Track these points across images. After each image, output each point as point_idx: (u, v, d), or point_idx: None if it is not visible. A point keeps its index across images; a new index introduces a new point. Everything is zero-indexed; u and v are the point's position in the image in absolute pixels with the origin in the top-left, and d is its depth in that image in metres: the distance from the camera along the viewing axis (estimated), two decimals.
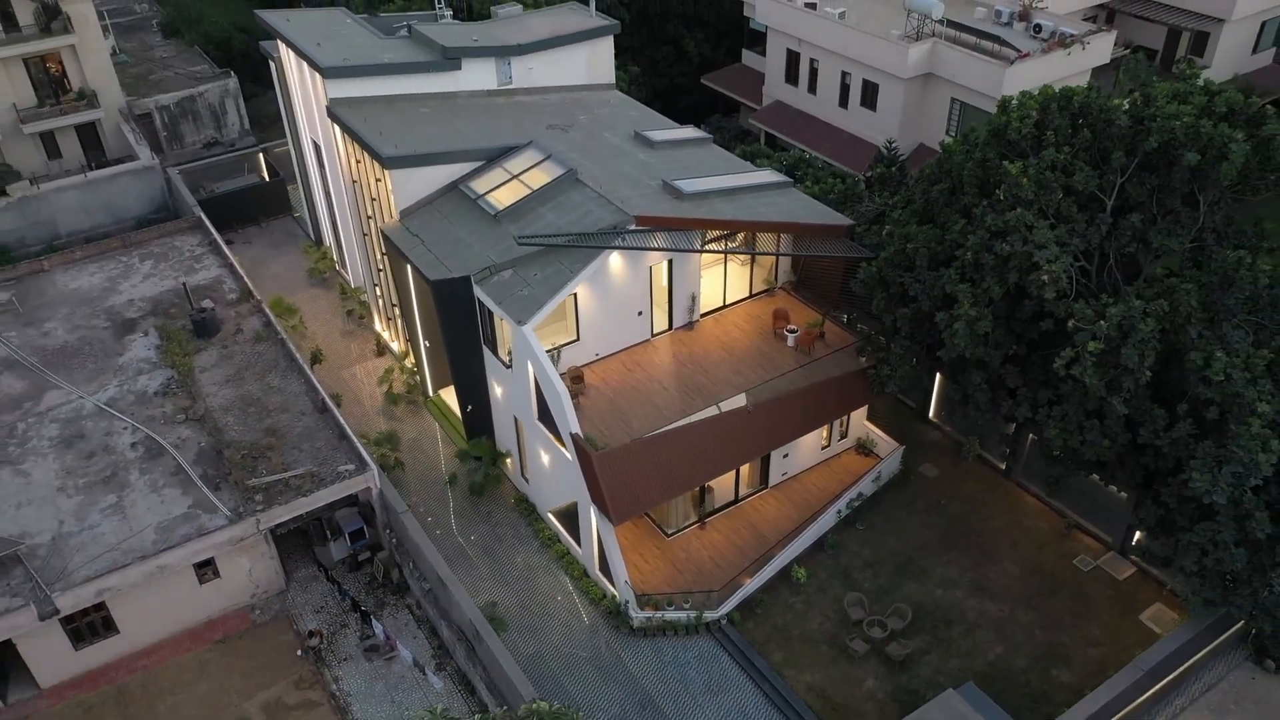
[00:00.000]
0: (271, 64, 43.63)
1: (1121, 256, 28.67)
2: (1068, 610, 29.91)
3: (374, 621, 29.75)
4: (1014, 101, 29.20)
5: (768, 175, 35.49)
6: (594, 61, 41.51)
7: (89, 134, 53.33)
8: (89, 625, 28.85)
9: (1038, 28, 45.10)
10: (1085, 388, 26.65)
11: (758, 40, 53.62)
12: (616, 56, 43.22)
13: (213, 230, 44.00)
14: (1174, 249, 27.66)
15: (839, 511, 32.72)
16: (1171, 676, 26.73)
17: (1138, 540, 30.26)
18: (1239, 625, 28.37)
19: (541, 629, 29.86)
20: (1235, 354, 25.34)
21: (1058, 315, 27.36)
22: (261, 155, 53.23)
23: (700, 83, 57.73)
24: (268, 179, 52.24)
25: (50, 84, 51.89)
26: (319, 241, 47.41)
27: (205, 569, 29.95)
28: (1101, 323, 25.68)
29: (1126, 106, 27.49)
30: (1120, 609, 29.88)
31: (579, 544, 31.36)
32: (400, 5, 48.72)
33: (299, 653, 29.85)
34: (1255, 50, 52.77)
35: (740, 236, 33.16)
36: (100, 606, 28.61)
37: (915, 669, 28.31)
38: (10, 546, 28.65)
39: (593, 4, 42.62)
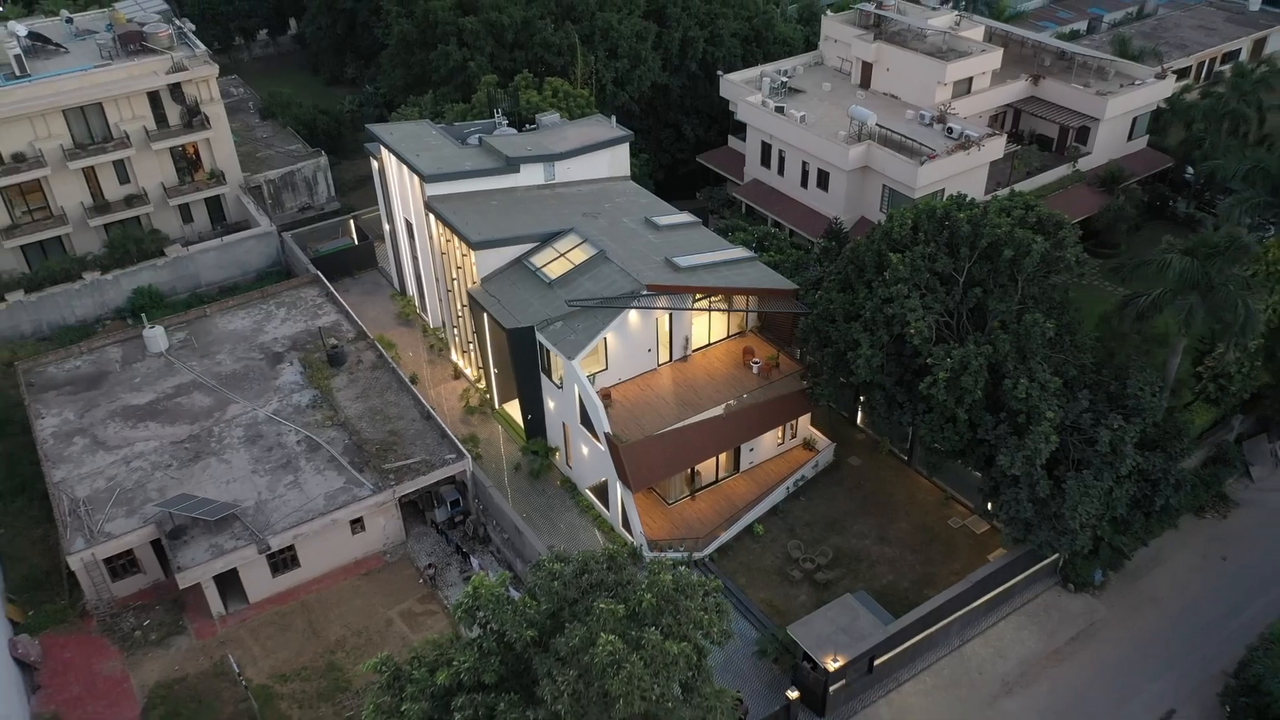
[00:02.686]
0: (373, 160, 58.19)
1: (971, 315, 43.00)
2: (940, 553, 44.10)
3: (471, 559, 44.11)
4: (899, 212, 43.69)
5: (739, 252, 49.93)
6: (614, 161, 56.12)
7: (214, 204, 68.08)
8: (282, 560, 43.17)
9: (949, 130, 59.79)
10: (942, 402, 40.95)
11: (740, 128, 68.21)
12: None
13: (329, 284, 58.58)
14: (1003, 311, 42.00)
15: (787, 488, 47.05)
16: (998, 590, 41.04)
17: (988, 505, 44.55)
18: (1052, 559, 42.71)
19: None
20: (1034, 380, 39.66)
21: (924, 354, 41.68)
22: (352, 221, 67.71)
23: (696, 159, 72.43)
24: (357, 241, 66.71)
25: (188, 166, 66.70)
26: (403, 291, 61.86)
27: (356, 525, 44.27)
28: (948, 360, 40.04)
29: (965, 216, 41.84)
30: (976, 552, 44.00)
31: (608, 508, 45.63)
32: (461, 112, 62.89)
33: (420, 581, 44.18)
34: (1130, 138, 67.25)
35: (719, 297, 47.64)
36: (290, 548, 42.92)
37: (833, 588, 42.42)
38: (229, 509, 43.00)
39: (614, 118, 57.35)
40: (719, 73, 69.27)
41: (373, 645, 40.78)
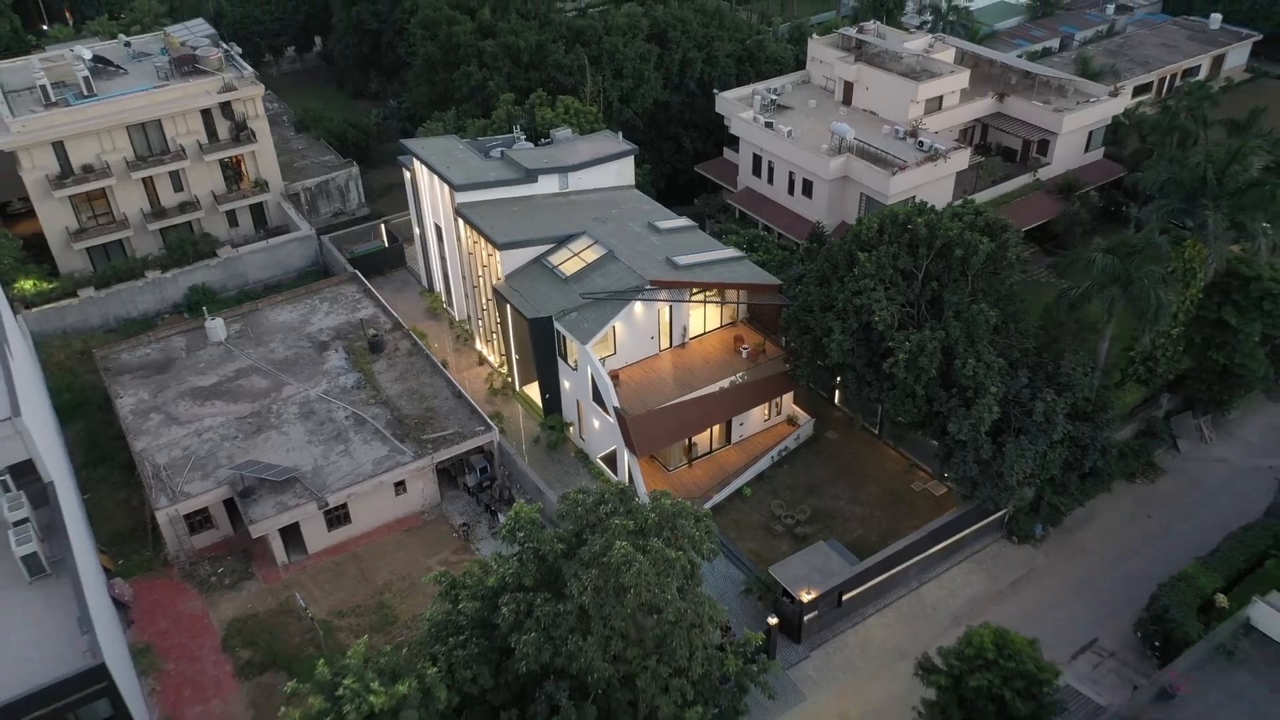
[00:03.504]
0: (405, 171, 65.16)
1: (928, 305, 49.92)
2: (903, 512, 51.02)
3: (499, 516, 51.08)
4: (867, 218, 50.67)
5: (731, 252, 56.97)
6: (621, 171, 63.17)
7: (258, 210, 75.15)
8: (336, 516, 50.14)
9: (920, 143, 66.78)
10: (903, 380, 47.86)
11: (734, 141, 75.20)
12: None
13: (366, 282, 65.62)
14: (956, 302, 48.91)
15: (772, 457, 54.03)
16: (950, 540, 47.97)
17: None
18: (999, 514, 49.64)
19: None
20: (981, 360, 46.59)
21: (888, 339, 48.56)
22: (383, 225, 74.73)
23: (694, 169, 79.46)
24: (387, 243, 73.73)
25: (235, 176, 73.80)
26: (431, 288, 68.85)
27: (399, 487, 51.24)
28: (907, 343, 46.95)
29: (923, 220, 48.74)
30: (935, 511, 50.84)
31: (616, 474, 52.59)
32: (481, 127, 69.87)
33: (454, 535, 51.14)
34: (1087, 150, 74.25)
35: (713, 291, 54.64)
36: (343, 506, 49.88)
37: (809, 540, 49.36)
38: (292, 472, 49.99)
39: (620, 133, 64.41)
40: (715, 90, 76.33)
41: (416, 589, 47.68)
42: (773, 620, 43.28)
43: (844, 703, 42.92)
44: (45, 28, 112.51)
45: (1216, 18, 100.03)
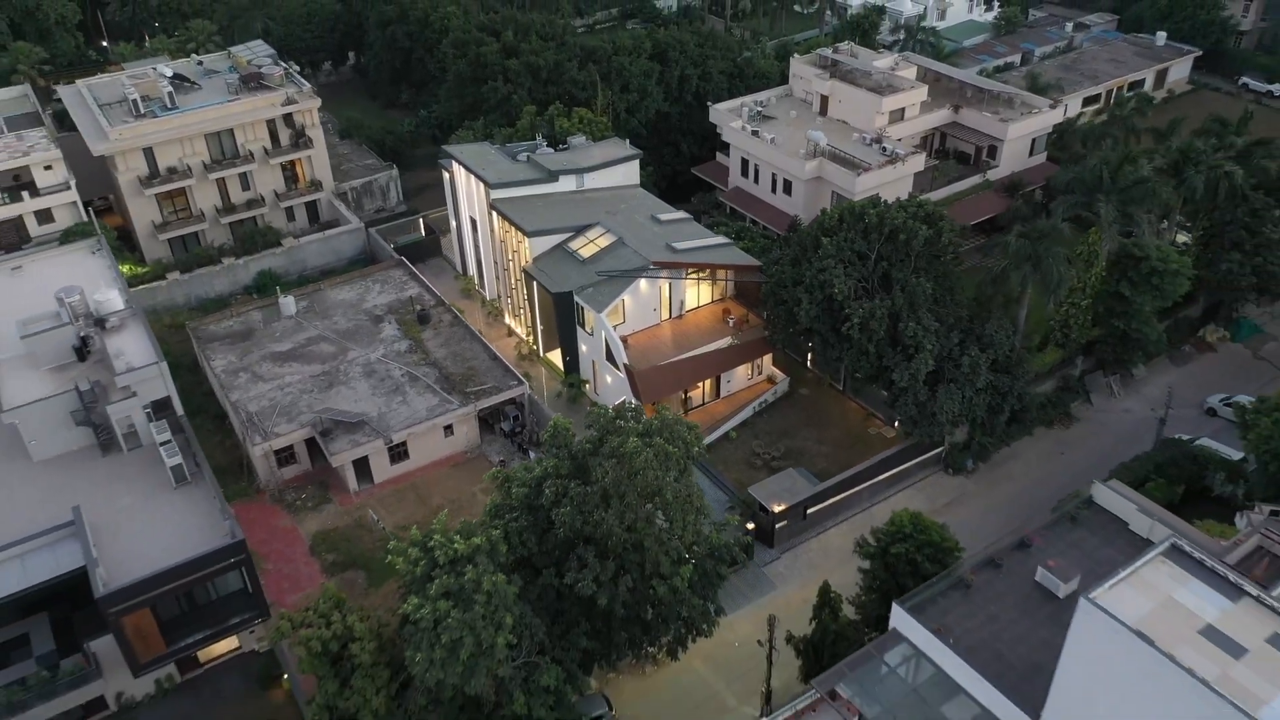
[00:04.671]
0: (444, 172, 76.55)
1: (880, 280, 61.20)
2: (860, 450, 62.17)
3: (530, 453, 62.39)
4: (830, 210, 62.07)
5: (720, 239, 68.37)
6: (627, 172, 74.58)
7: (311, 206, 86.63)
8: (397, 452, 61.42)
9: (884, 149, 78.19)
10: (858, 340, 59.13)
11: (725, 147, 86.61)
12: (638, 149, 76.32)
13: (411, 266, 77.06)
14: (901, 277, 60.18)
15: (754, 408, 65.37)
16: (896, 470, 59.29)
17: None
18: (938, 450, 60.97)
19: None
20: (920, 323, 57.90)
21: (846, 308, 59.82)
22: (421, 219, 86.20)
23: (691, 171, 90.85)
24: (425, 235, 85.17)
25: (293, 177, 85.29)
26: (465, 272, 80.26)
27: (447, 430, 62.56)
28: (861, 310, 58.27)
29: (875, 212, 60.07)
30: (886, 449, 62.19)
31: None
32: (507, 135, 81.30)
33: (492, 470, 62.40)
34: (1031, 154, 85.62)
35: (705, 271, 66.02)
36: (403, 444, 61.19)
37: (781, 469, 60.70)
38: (361, 416, 61.36)
39: (627, 140, 75.86)
40: (709, 103, 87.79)
41: (464, 509, 58.95)
42: (750, 526, 54.61)
43: (807, 590, 53.97)
44: (105, 44, 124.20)
45: (1162, 35, 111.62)
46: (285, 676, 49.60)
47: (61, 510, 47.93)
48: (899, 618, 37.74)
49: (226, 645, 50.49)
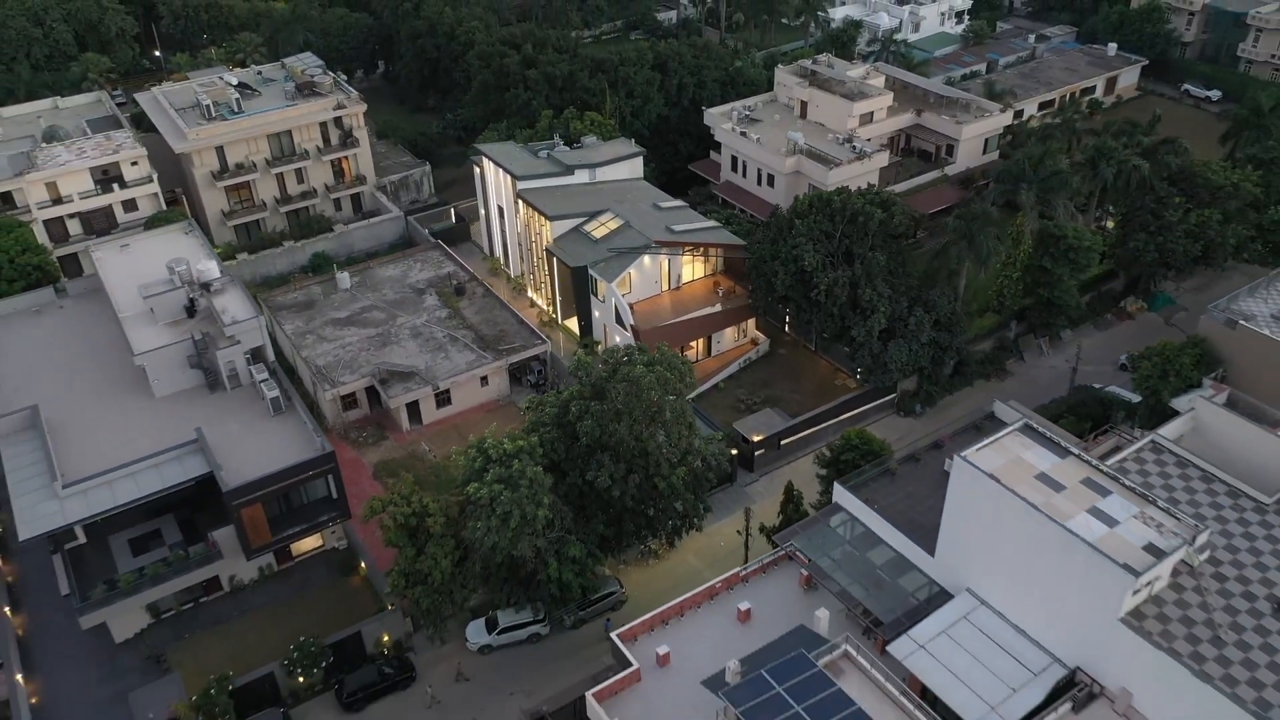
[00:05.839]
0: (475, 167, 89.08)
1: (844, 255, 73.57)
2: (827, 397, 74.55)
3: None
4: (802, 197, 74.58)
5: (711, 223, 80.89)
6: (632, 167, 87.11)
7: (356, 198, 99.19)
8: (442, 398, 73.85)
9: (854, 147, 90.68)
10: (824, 304, 71.51)
11: (718, 146, 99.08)
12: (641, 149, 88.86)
13: (446, 248, 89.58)
14: (861, 253, 72.60)
15: (739, 364, 77.85)
16: (856, 411, 71.76)
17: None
18: (891, 396, 73.45)
19: None
20: (875, 290, 70.33)
21: (815, 278, 72.17)
22: (452, 209, 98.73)
23: (687, 167, 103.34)
24: (455, 222, 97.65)
25: (341, 172, 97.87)
26: (492, 254, 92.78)
27: (483, 381, 75.01)
28: (827, 279, 70.71)
29: (839, 198, 72.53)
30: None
31: None
32: (528, 136, 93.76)
33: (520, 416, 74.83)
34: (985, 152, 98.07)
35: (699, 249, 78.52)
36: (447, 391, 73.61)
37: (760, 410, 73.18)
38: (412, 368, 73.85)
39: (632, 140, 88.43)
40: (703, 107, 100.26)
41: None
42: (733, 451, 67.10)
43: (780, 503, 66.54)
44: (157, 53, 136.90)
45: (1113, 46, 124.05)
46: (362, 565, 62.08)
47: (181, 435, 60.40)
48: (839, 493, 50.13)
49: (313, 542, 62.98)
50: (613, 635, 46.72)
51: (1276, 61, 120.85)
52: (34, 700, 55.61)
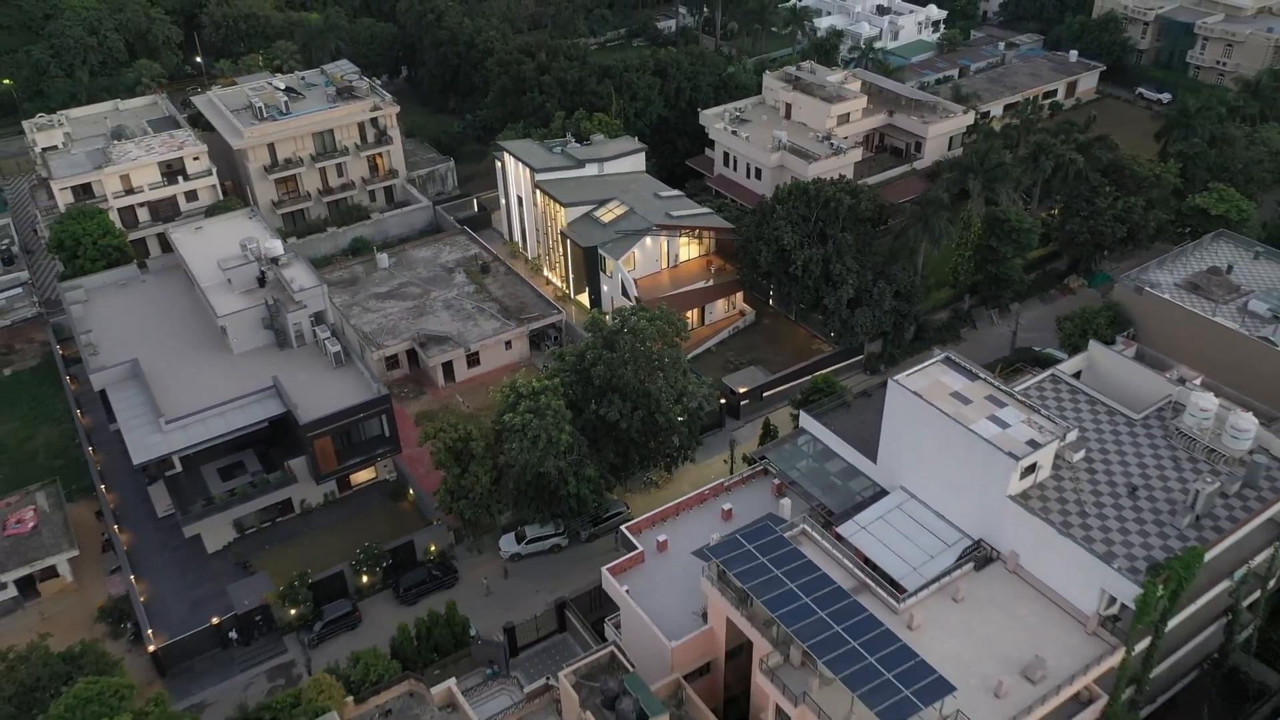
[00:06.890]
0: (496, 161, 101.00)
1: (819, 236, 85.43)
2: (805, 359, 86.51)
3: None
4: (782, 186, 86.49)
5: (705, 210, 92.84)
6: (635, 162, 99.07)
7: (388, 190, 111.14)
8: (472, 359, 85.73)
9: (832, 145, 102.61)
10: (801, 278, 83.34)
11: (711, 144, 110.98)
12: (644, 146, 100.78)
13: (472, 234, 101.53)
14: (833, 234, 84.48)
15: (729, 332, 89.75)
16: (828, 370, 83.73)
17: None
18: (859, 358, 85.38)
19: None
20: (845, 265, 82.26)
21: (793, 256, 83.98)
22: (475, 199, 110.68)
23: (685, 163, 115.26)
24: (477, 211, 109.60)
25: (375, 167, 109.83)
26: (511, 238, 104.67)
27: (507, 345, 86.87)
28: (803, 256, 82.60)
29: (813, 187, 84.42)
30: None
31: None
32: (542, 135, 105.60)
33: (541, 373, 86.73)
34: (950, 149, 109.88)
35: (694, 232, 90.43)
36: (476, 353, 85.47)
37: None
38: (447, 333, 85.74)
39: (635, 138, 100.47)
40: (699, 109, 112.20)
41: None
42: (722, 401, 79.01)
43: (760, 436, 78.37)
44: (198, 59, 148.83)
45: (1074, 53, 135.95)
46: (410, 491, 74.01)
47: (259, 383, 72.28)
48: (804, 419, 62.02)
49: (368, 474, 74.88)
50: (622, 528, 58.54)
51: (1220, 67, 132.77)
52: (143, 598, 67.42)
